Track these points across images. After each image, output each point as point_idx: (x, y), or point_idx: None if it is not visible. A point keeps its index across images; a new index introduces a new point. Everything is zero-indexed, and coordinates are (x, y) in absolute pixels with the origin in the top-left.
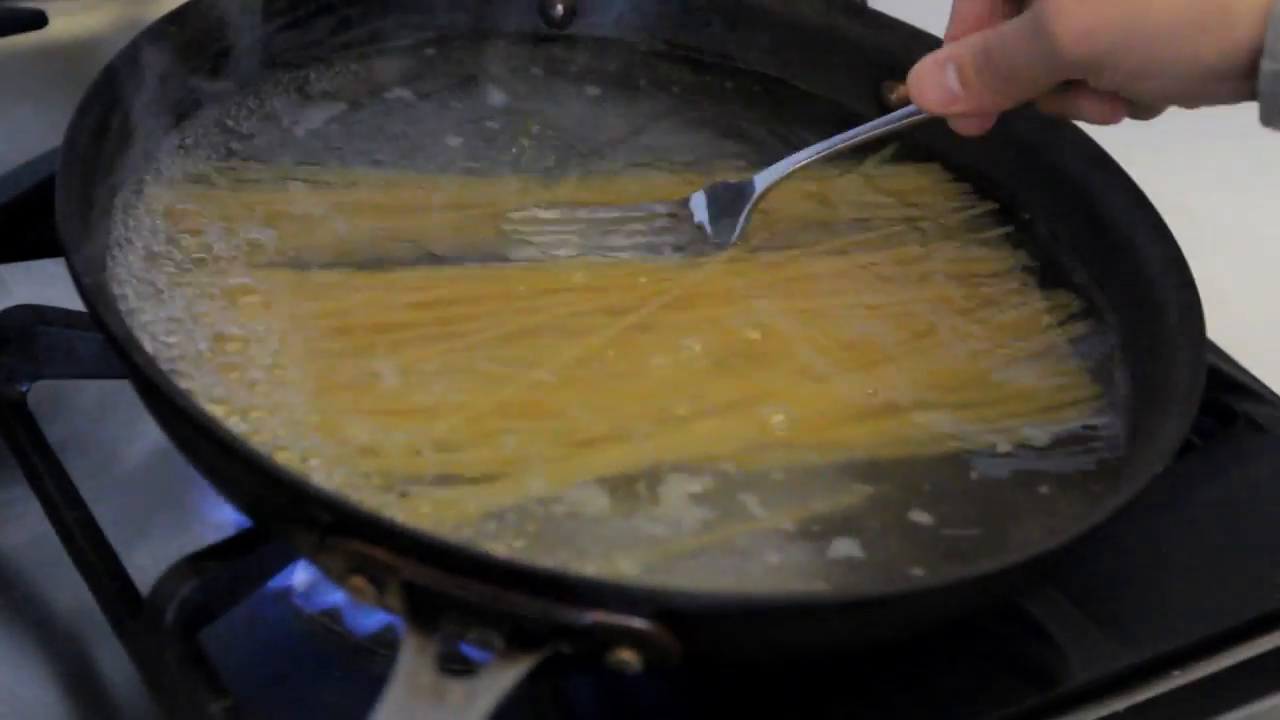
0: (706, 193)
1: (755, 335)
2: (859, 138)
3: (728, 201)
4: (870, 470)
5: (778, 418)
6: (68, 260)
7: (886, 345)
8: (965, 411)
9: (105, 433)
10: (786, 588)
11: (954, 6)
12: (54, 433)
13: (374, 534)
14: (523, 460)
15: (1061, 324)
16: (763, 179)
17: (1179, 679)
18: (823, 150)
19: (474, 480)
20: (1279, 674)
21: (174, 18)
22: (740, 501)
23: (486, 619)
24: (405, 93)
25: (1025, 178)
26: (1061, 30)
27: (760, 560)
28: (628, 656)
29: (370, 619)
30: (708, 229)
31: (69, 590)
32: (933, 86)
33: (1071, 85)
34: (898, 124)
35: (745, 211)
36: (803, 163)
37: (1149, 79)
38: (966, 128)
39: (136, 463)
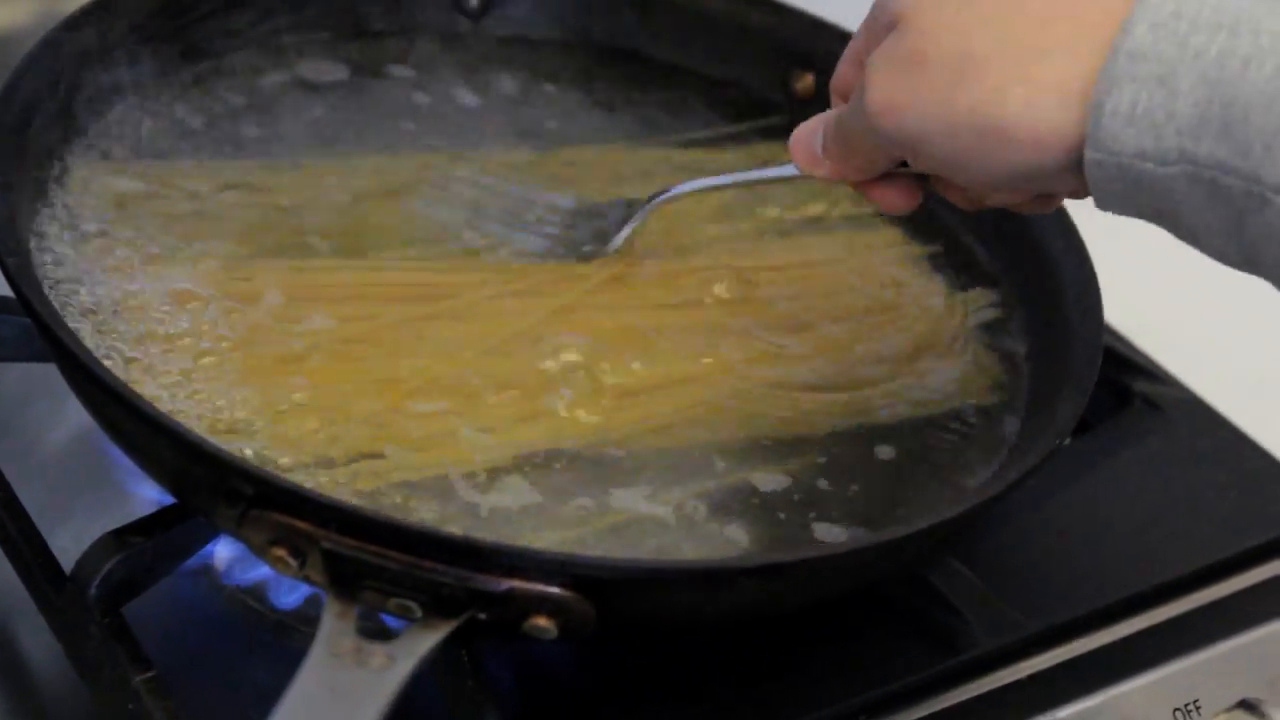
0: (608, 205)
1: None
2: (756, 179)
3: (624, 213)
4: (774, 449)
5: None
6: None
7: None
8: (866, 389)
9: (28, 417)
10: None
11: (835, 70)
12: None
13: (295, 505)
14: (438, 436)
15: (964, 306)
16: (660, 198)
17: (1080, 646)
18: (721, 183)
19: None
20: (1176, 641)
21: (94, 7)
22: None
23: (405, 587)
24: (325, 80)
25: None
26: (870, 102)
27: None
28: (544, 623)
29: (291, 595)
30: (611, 233)
31: None
32: (802, 148)
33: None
34: (781, 175)
35: (632, 224)
36: (701, 188)
37: (965, 171)
38: (887, 203)
39: (59, 446)
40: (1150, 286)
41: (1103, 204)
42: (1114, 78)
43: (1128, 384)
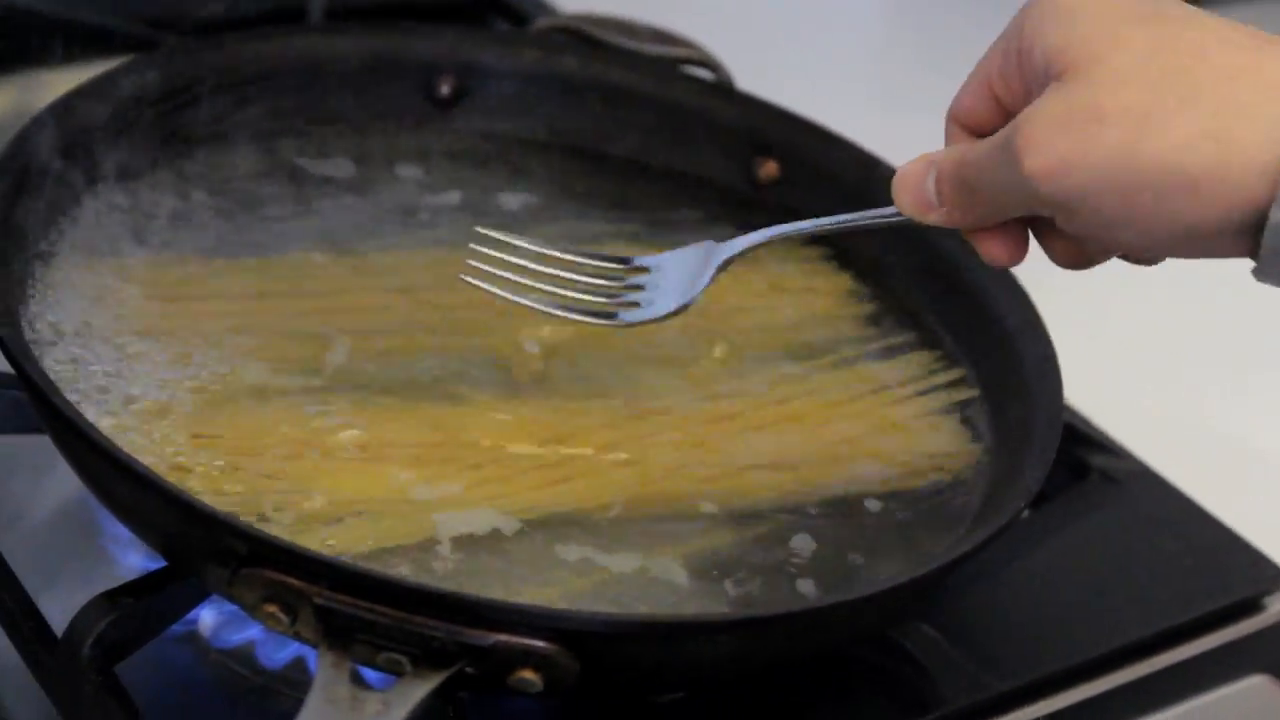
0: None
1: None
2: (850, 225)
3: (694, 265)
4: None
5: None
6: None
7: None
8: (837, 464)
9: (13, 488)
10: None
11: (957, 95)
12: None
13: (287, 562)
14: (420, 502)
15: (927, 383)
16: (729, 246)
17: (1045, 707)
18: (803, 229)
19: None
20: (1135, 703)
21: (78, 93)
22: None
23: (395, 640)
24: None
25: (892, 244)
26: (1031, 162)
27: (652, 595)
28: (529, 676)
29: (277, 656)
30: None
31: None
32: (911, 189)
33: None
34: (882, 220)
35: (709, 276)
36: (772, 237)
37: (1126, 229)
38: (992, 256)
39: (44, 515)
40: (1104, 364)
41: (1266, 271)
42: None
43: (1084, 458)
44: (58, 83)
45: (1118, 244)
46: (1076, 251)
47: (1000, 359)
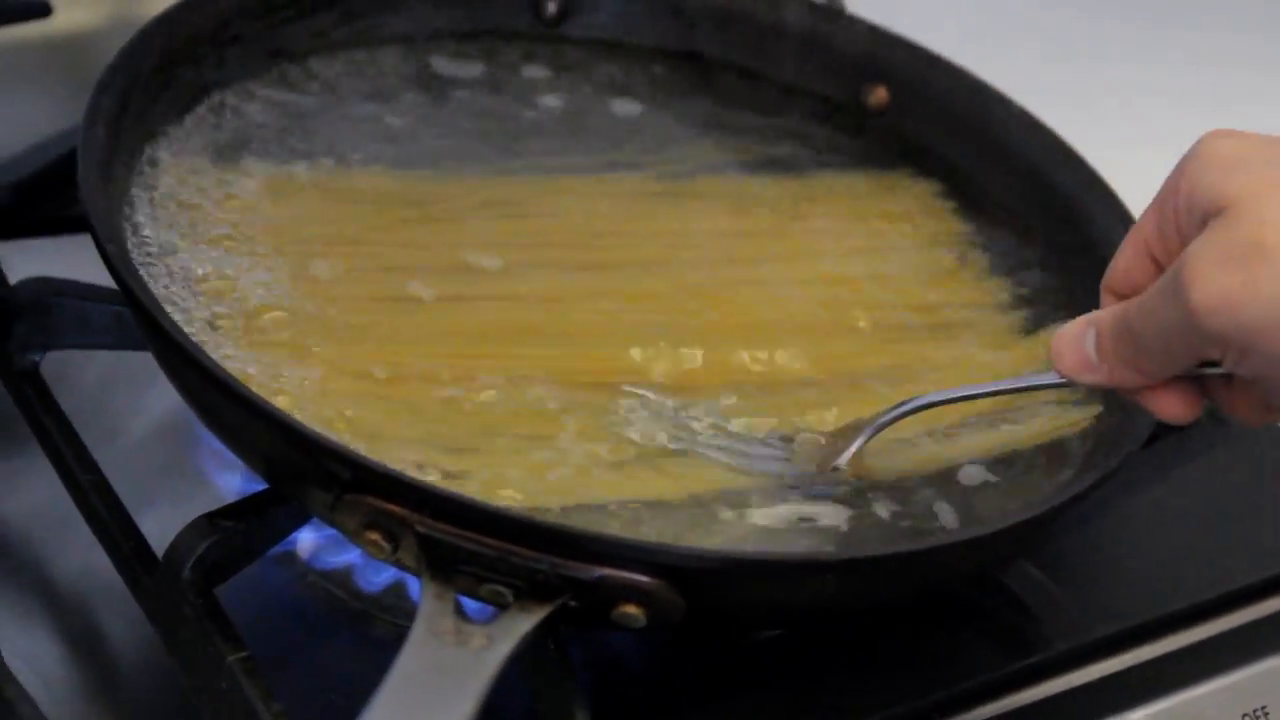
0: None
1: None
2: (1009, 391)
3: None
4: None
5: None
6: (91, 228)
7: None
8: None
9: (111, 405)
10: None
11: (1111, 265)
12: (63, 403)
13: (391, 490)
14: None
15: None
16: (882, 418)
17: (1150, 651)
18: (968, 394)
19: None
20: (1245, 648)
21: (183, 6)
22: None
23: (499, 572)
24: (401, 88)
25: (1001, 178)
26: (1198, 296)
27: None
28: (633, 611)
29: (376, 580)
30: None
31: (77, 555)
32: (1070, 350)
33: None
34: (1040, 385)
35: (860, 441)
36: (948, 400)
37: None
38: (1165, 411)
39: (143, 434)
40: None
41: None
42: None
43: None
44: None
45: None
46: (1257, 401)
47: None
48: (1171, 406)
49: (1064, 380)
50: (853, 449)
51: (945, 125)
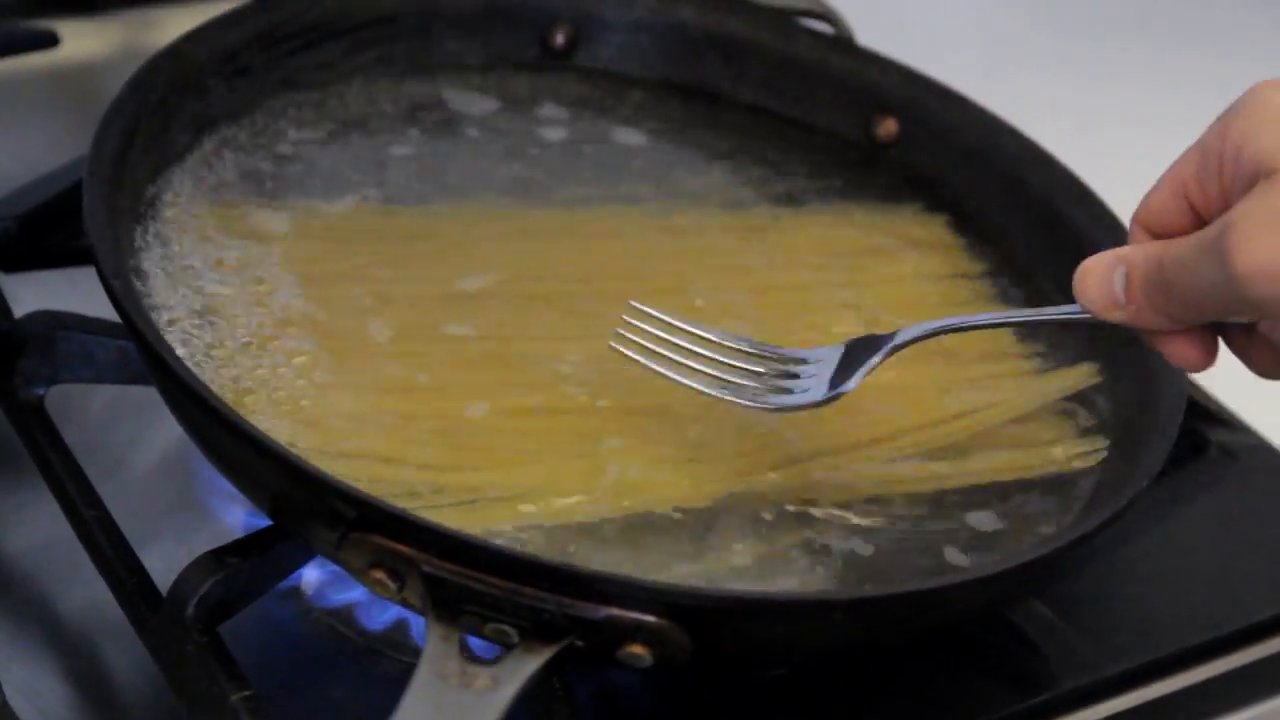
0: (846, 345)
1: None
2: (1030, 320)
3: (859, 352)
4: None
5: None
6: (96, 263)
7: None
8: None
9: (116, 439)
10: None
11: (1144, 198)
12: (66, 437)
13: (397, 530)
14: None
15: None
16: (905, 333)
17: (1158, 690)
18: (974, 323)
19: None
20: (1253, 687)
21: (191, 38)
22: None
23: (504, 612)
24: (408, 120)
25: (1010, 211)
26: (1243, 261)
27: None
28: (639, 651)
29: (379, 619)
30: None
31: (81, 590)
32: (1096, 285)
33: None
34: (1062, 316)
35: (874, 362)
36: (950, 328)
37: None
38: (1181, 358)
39: (147, 468)
40: None
41: None
42: None
43: (1203, 432)
44: (167, 21)
45: None
46: (1270, 356)
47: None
48: (1188, 353)
49: (1084, 315)
50: (866, 369)
51: (955, 157)
